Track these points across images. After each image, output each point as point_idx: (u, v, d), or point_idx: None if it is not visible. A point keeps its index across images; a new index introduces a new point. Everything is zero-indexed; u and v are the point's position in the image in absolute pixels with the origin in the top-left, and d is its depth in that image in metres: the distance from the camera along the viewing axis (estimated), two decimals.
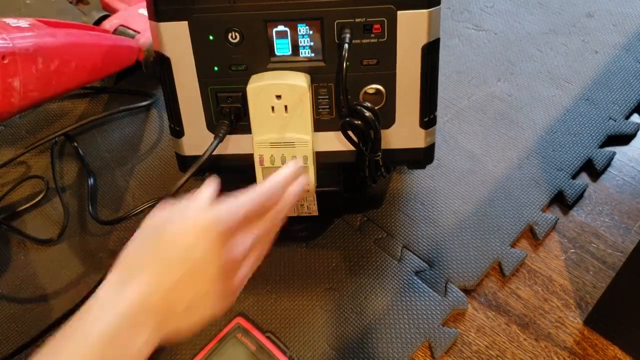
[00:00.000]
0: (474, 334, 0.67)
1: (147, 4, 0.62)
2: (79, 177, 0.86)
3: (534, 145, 0.83)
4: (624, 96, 0.88)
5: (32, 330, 0.70)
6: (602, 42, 0.96)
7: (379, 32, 0.61)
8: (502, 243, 0.73)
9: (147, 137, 0.90)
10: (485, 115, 0.88)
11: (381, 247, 0.74)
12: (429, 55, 0.62)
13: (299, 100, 0.61)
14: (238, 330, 0.66)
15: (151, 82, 0.98)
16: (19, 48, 0.69)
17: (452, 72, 0.94)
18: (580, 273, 0.71)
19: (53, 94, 0.78)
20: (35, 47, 0.72)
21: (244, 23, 0.61)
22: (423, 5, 0.59)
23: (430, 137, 0.68)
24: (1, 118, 0.72)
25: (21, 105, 0.72)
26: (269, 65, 0.63)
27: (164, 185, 0.83)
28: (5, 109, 0.70)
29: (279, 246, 0.75)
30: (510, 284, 0.71)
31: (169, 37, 0.62)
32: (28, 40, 0.72)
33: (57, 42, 0.76)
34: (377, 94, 0.64)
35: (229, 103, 0.65)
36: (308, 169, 0.64)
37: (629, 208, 0.77)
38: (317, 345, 0.66)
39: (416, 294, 0.69)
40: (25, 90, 0.71)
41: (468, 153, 0.83)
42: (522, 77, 0.93)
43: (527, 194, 0.78)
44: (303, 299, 0.70)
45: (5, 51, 0.68)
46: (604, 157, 0.81)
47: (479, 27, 1.02)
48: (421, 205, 0.78)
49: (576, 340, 0.66)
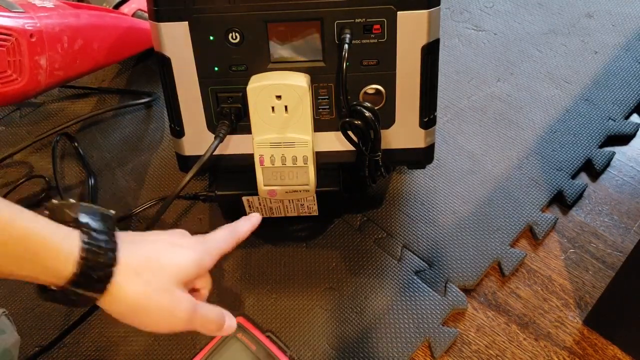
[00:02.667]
0: (474, 334, 0.67)
1: (147, 4, 0.62)
2: (80, 176, 0.86)
3: (533, 145, 0.83)
4: (623, 96, 0.88)
5: (33, 330, 0.70)
6: (601, 42, 0.96)
7: (379, 32, 0.61)
8: (501, 243, 0.73)
9: (147, 137, 0.91)
10: (484, 115, 0.88)
11: (381, 247, 0.74)
12: (428, 56, 0.62)
13: (299, 101, 0.61)
14: (238, 330, 0.66)
15: (152, 81, 0.98)
16: (45, 27, 0.71)
17: (451, 72, 0.94)
18: (580, 273, 0.71)
19: (76, 73, 0.80)
20: (61, 27, 0.74)
21: (244, 23, 0.61)
22: (423, 5, 0.59)
23: (430, 137, 0.68)
24: (27, 96, 0.74)
25: (47, 83, 0.74)
26: (269, 66, 0.63)
27: (164, 185, 0.83)
28: (32, 87, 0.72)
29: (279, 246, 0.75)
30: (509, 284, 0.71)
31: (169, 37, 0.63)
32: (54, 19, 0.74)
33: (80, 23, 0.78)
34: (377, 94, 0.64)
35: (229, 103, 0.65)
36: (308, 169, 0.64)
37: (629, 208, 0.77)
38: (317, 344, 0.66)
39: (416, 294, 0.69)
40: (51, 69, 0.74)
41: (468, 153, 0.83)
42: (521, 77, 0.93)
43: (526, 193, 0.78)
44: (303, 298, 0.70)
45: (33, 30, 0.70)
46: (603, 157, 0.81)
47: (478, 27, 1.02)
48: (421, 205, 0.78)
49: (576, 340, 0.66)
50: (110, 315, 0.44)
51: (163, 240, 0.47)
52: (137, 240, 0.45)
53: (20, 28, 0.69)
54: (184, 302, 0.46)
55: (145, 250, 0.45)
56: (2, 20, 0.68)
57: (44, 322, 0.71)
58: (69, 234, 0.41)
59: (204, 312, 0.48)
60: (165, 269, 0.45)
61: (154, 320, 0.44)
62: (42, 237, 0.39)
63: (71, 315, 0.71)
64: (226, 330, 0.50)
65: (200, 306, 0.47)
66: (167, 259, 0.45)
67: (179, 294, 0.45)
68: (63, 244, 0.40)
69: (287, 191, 0.66)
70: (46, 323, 0.71)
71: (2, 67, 0.68)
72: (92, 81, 1.00)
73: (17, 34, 0.68)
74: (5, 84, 0.69)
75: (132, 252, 0.43)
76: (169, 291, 0.45)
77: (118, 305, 0.43)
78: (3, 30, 0.67)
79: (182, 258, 0.46)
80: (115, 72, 1.01)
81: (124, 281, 0.42)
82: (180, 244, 0.48)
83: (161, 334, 0.45)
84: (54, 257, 0.39)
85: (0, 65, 0.68)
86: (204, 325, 0.48)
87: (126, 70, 1.01)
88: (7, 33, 0.68)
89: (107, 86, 0.99)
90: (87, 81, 0.99)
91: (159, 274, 0.44)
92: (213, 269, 0.50)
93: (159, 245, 0.46)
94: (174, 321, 0.45)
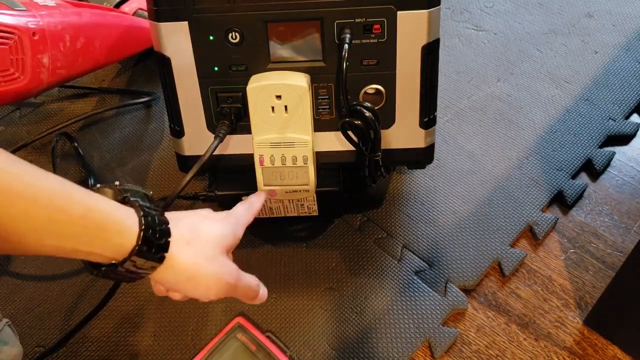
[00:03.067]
0: (474, 334, 0.67)
1: (147, 4, 0.62)
2: (80, 176, 0.86)
3: (533, 145, 0.83)
4: (623, 96, 0.88)
5: (33, 330, 0.70)
6: (601, 42, 0.96)
7: (379, 32, 0.61)
8: (501, 243, 0.73)
9: (147, 137, 0.91)
10: (484, 115, 0.88)
11: (381, 247, 0.74)
12: (428, 56, 0.62)
13: (299, 101, 0.61)
14: (238, 330, 0.66)
15: (152, 81, 0.98)
16: (48, 25, 0.72)
17: (452, 72, 0.94)
18: (580, 273, 0.71)
19: (78, 72, 0.80)
20: (63, 25, 0.74)
21: (244, 23, 0.61)
22: (423, 5, 0.59)
23: (430, 137, 0.68)
24: (30, 94, 0.74)
25: (49, 81, 0.74)
26: (269, 66, 0.63)
27: (164, 185, 0.83)
28: (35, 85, 0.72)
29: (279, 246, 0.75)
30: (510, 284, 0.71)
31: (169, 37, 0.62)
32: (56, 18, 0.74)
33: (82, 21, 0.79)
34: (377, 94, 0.64)
35: (229, 103, 0.65)
36: (308, 169, 0.64)
37: (629, 208, 0.77)
38: (317, 345, 0.66)
39: (416, 294, 0.69)
40: (54, 67, 0.74)
41: (468, 153, 0.83)
42: (521, 77, 0.93)
43: (526, 194, 0.78)
44: (303, 298, 0.70)
45: (35, 28, 0.70)
46: (603, 157, 0.81)
47: (478, 27, 1.02)
48: (421, 205, 0.78)
49: (576, 340, 0.66)
50: (164, 284, 0.47)
51: (198, 215, 0.51)
52: (178, 217, 0.48)
53: (23, 26, 0.69)
54: (230, 268, 0.49)
55: (188, 224, 0.48)
56: (4, 18, 0.68)
57: (44, 322, 0.71)
58: (127, 210, 0.44)
59: (246, 279, 0.51)
60: (209, 239, 0.48)
61: (205, 286, 0.47)
62: (106, 213, 0.42)
63: (71, 316, 0.71)
64: (261, 298, 0.53)
65: (241, 273, 0.51)
66: (207, 231, 0.49)
67: (225, 261, 0.49)
68: (125, 219, 0.43)
69: (287, 191, 0.66)
70: (46, 323, 0.71)
71: (4, 66, 0.68)
72: (92, 81, 1.00)
73: (20, 32, 0.68)
74: (7, 82, 0.69)
75: (178, 226, 0.46)
76: (216, 258, 0.48)
77: (174, 274, 0.46)
78: (6, 28, 0.68)
79: (219, 229, 0.50)
80: (115, 72, 1.01)
81: (179, 251, 0.45)
82: (213, 218, 0.51)
83: (211, 300, 0.49)
84: (119, 231, 0.42)
85: (3, 64, 0.68)
86: (245, 291, 0.51)
87: (126, 70, 1.01)
88: (10, 31, 0.68)
89: (107, 86, 0.99)
90: (87, 81, 0.99)
91: (205, 244, 0.48)
92: None
93: (197, 219, 0.50)
94: (223, 286, 0.48)
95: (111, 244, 0.42)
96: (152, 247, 0.43)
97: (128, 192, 0.47)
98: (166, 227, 0.45)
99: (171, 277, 0.46)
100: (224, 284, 0.48)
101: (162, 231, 0.44)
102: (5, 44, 0.67)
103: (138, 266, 0.43)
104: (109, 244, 0.42)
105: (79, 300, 0.72)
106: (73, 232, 0.40)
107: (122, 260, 0.42)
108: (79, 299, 0.72)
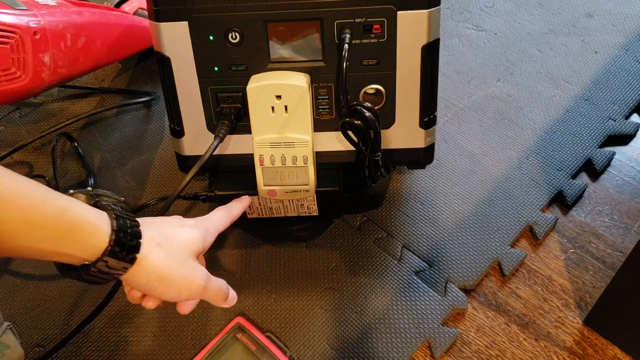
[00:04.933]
0: (474, 334, 0.67)
1: (147, 4, 0.62)
2: (80, 176, 0.86)
3: (533, 145, 0.83)
4: (623, 96, 0.88)
5: (33, 330, 0.70)
6: (601, 42, 0.96)
7: (379, 32, 0.61)
8: (501, 243, 0.73)
9: (147, 137, 0.91)
10: (484, 115, 0.88)
11: (381, 247, 0.74)
12: (428, 56, 0.62)
13: (299, 101, 0.61)
14: (238, 330, 0.66)
15: (152, 81, 0.98)
16: (49, 24, 0.72)
17: (452, 72, 0.94)
18: (580, 273, 0.71)
19: (79, 71, 0.81)
20: (64, 24, 0.75)
21: (244, 23, 0.61)
22: (423, 5, 0.59)
23: (430, 137, 0.68)
24: (31, 93, 0.74)
25: (50, 81, 0.75)
26: (269, 66, 0.63)
27: (164, 185, 0.83)
28: (36, 84, 0.73)
29: (279, 246, 0.75)
30: (510, 284, 0.71)
31: (169, 37, 0.62)
32: (57, 17, 0.74)
33: (83, 20, 0.79)
34: (377, 94, 0.64)
35: (229, 103, 0.65)
36: (308, 169, 0.64)
37: (629, 208, 0.77)
38: (317, 345, 0.66)
39: (416, 294, 0.69)
40: (55, 67, 0.74)
41: (467, 153, 0.83)
42: (521, 77, 0.93)
43: (526, 194, 0.78)
44: (303, 298, 0.70)
45: (37, 27, 0.70)
46: (603, 157, 0.81)
47: (478, 27, 1.02)
48: (421, 205, 0.78)
49: (576, 340, 0.66)
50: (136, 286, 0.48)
51: (169, 221, 0.52)
52: (149, 221, 0.50)
53: (24, 25, 0.69)
54: (201, 271, 0.50)
55: (158, 227, 0.49)
56: (6, 17, 0.68)
57: (43, 322, 0.71)
58: (100, 213, 0.45)
59: (215, 282, 0.52)
60: (179, 242, 0.50)
61: (177, 288, 0.48)
62: (80, 215, 0.43)
63: (71, 316, 0.71)
64: (230, 302, 0.55)
65: (211, 276, 0.52)
66: (178, 235, 0.50)
67: (195, 264, 0.50)
68: (97, 221, 0.44)
69: (287, 191, 0.66)
70: (46, 323, 0.71)
71: (6, 65, 0.68)
72: (92, 81, 1.00)
73: (21, 32, 0.68)
74: (9, 82, 0.70)
75: (150, 229, 0.48)
76: (187, 261, 0.49)
77: (146, 274, 0.47)
78: (7, 27, 0.68)
79: (189, 233, 0.51)
80: (115, 71, 1.01)
81: (150, 252, 0.46)
82: (182, 224, 0.53)
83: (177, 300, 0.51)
84: (92, 232, 0.43)
85: (4, 63, 0.68)
86: (215, 294, 0.52)
87: (126, 70, 1.01)
88: (11, 30, 0.68)
89: (107, 86, 0.99)
90: (87, 81, 0.99)
91: (177, 247, 0.49)
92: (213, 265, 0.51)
93: (168, 225, 0.51)
94: (193, 288, 0.49)
95: (84, 245, 0.43)
96: (124, 247, 0.44)
97: (100, 197, 0.48)
98: (137, 229, 0.46)
99: (143, 277, 0.47)
100: (195, 285, 0.49)
101: (133, 233, 0.46)
102: (6, 43, 0.67)
103: (110, 267, 0.44)
104: (82, 245, 0.43)
105: (79, 300, 0.72)
106: (48, 234, 0.41)
107: (94, 260, 0.44)
108: (78, 299, 0.72)
